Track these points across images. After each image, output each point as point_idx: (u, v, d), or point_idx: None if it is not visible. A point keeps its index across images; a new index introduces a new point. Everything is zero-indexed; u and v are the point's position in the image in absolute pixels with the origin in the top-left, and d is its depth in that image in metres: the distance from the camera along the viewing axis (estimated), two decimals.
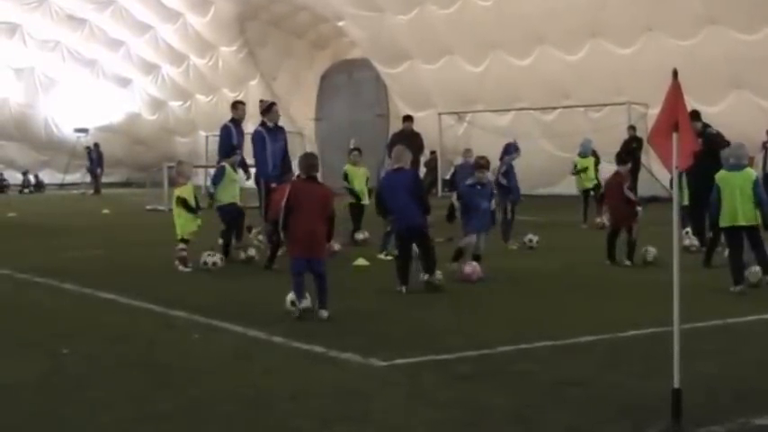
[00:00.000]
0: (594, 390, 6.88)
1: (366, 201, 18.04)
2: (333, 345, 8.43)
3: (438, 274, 11.86)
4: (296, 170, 11.51)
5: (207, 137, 41.08)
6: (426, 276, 11.76)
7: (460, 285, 11.98)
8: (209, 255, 13.98)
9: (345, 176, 18.15)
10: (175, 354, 8.43)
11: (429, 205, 12.09)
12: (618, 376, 7.28)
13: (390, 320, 9.91)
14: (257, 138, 16.22)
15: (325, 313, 9.94)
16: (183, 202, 14.26)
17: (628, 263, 14.13)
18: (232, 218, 15.27)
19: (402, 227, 12.05)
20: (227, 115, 17.38)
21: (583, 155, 22.19)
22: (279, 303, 10.56)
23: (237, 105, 17.15)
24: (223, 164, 15.52)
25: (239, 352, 8.43)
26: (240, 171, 16.08)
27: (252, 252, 14.90)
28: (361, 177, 18.18)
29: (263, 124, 16.68)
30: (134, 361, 8.11)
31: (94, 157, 45.21)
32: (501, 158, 18.13)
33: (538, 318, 10.04)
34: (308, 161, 10.77)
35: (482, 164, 13.57)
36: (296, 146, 37.40)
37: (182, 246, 14.12)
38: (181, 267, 13.94)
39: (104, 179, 45.84)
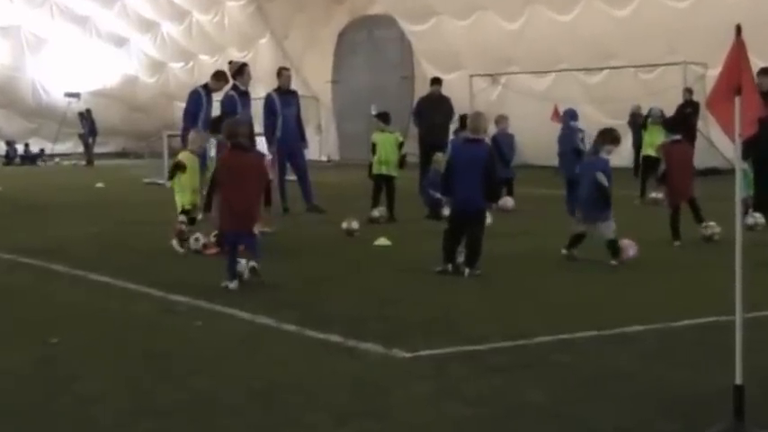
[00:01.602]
0: (642, 384, 6.88)
1: (393, 172, 17.95)
2: (351, 333, 8.47)
3: (478, 268, 11.73)
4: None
5: None
6: (467, 270, 11.68)
7: (493, 268, 11.97)
8: (195, 239, 13.77)
9: (374, 148, 18.02)
10: (176, 342, 8.49)
11: (498, 188, 11.98)
12: (668, 370, 7.27)
13: (415, 306, 9.93)
14: (227, 103, 16.62)
15: (255, 263, 10.88)
16: (175, 165, 13.95)
17: (705, 230, 14.24)
18: None
19: (460, 209, 11.91)
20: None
21: (653, 122, 22.13)
22: (290, 287, 10.66)
23: (221, 75, 17.32)
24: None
25: (247, 341, 8.48)
26: None
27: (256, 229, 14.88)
28: (390, 145, 17.94)
29: (234, 88, 16.95)
30: (130, 350, 8.16)
31: (87, 125, 45.31)
32: (564, 125, 18.22)
33: (580, 304, 10.04)
34: (234, 127, 11.16)
35: (616, 136, 13.02)
36: (310, 112, 37.65)
37: (181, 218, 13.95)
38: (175, 244, 13.81)
39: (98, 149, 45.98)
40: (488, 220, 15.62)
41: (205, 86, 17.90)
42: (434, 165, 18.22)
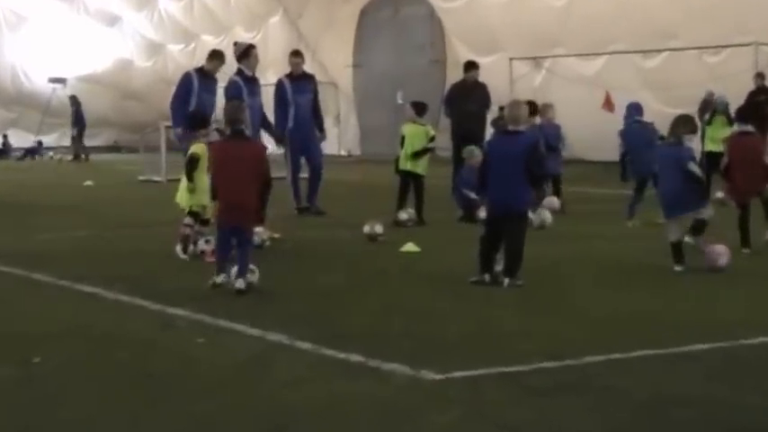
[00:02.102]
0: (704, 410, 6.86)
1: (421, 168, 17.93)
2: (374, 352, 8.46)
3: (519, 279, 11.70)
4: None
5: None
6: (506, 280, 11.67)
7: (536, 277, 11.92)
8: (206, 241, 13.82)
9: (402, 140, 18.01)
10: (175, 362, 8.50)
11: (543, 185, 11.94)
12: (736, 395, 7.24)
13: (447, 322, 9.93)
14: (232, 90, 16.69)
15: (242, 283, 11.11)
16: (190, 161, 13.87)
17: None
18: None
19: (497, 212, 11.88)
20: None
21: (720, 111, 22.00)
22: (304, 299, 10.66)
23: (216, 54, 17.54)
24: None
25: (256, 360, 8.50)
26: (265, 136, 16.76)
27: (265, 236, 14.80)
28: (420, 139, 17.93)
29: (239, 73, 17.07)
30: (122, 372, 8.17)
31: (72, 113, 45.23)
32: (629, 119, 18.34)
33: (635, 318, 9.99)
34: (235, 112, 11.54)
35: (695, 125, 13.18)
36: (328, 101, 37.48)
37: (187, 221, 13.99)
38: (178, 251, 13.91)
39: (86, 142, 46.01)
40: (547, 219, 15.63)
41: (200, 70, 17.87)
42: (467, 161, 18.27)
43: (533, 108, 13.69)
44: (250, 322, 9.78)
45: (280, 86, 19.05)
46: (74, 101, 45.66)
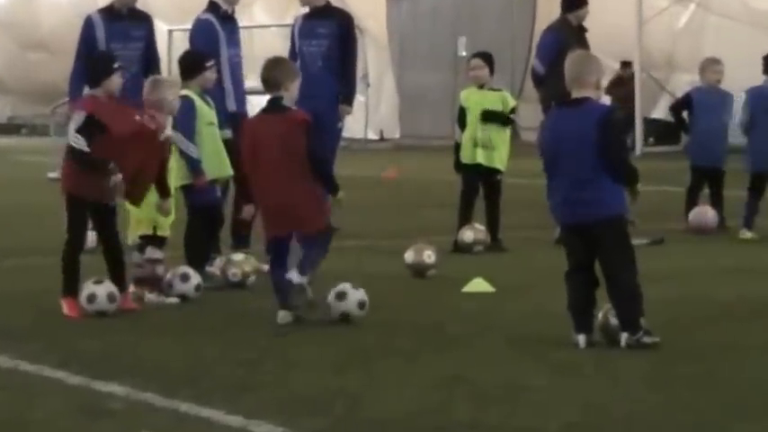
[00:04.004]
0: None
1: (498, 161, 18.09)
2: None
3: (645, 332, 11.72)
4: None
5: (170, 33, 41.57)
6: (624, 336, 11.71)
7: (670, 331, 12.09)
8: (233, 263, 14.81)
9: (461, 114, 18.21)
10: None
11: (634, 175, 12.01)
12: None
13: (545, 408, 9.98)
14: (202, 35, 17.41)
15: (295, 277, 12.81)
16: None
17: None
18: (211, 209, 15.81)
19: (571, 218, 12.11)
20: None
21: None
22: (310, 372, 10.99)
23: None
24: (186, 92, 15.60)
25: None
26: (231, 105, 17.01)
27: (248, 268, 15.27)
28: (492, 111, 18.08)
29: (211, 8, 17.58)
30: None
31: None
32: None
33: None
34: (273, 71, 12.97)
35: None
36: None
37: (136, 257, 14.33)
38: (150, 298, 14.25)
39: None
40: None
41: (107, 10, 18.20)
42: None
43: None
44: (226, 405, 9.86)
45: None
46: None
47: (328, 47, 19.12)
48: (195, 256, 15.41)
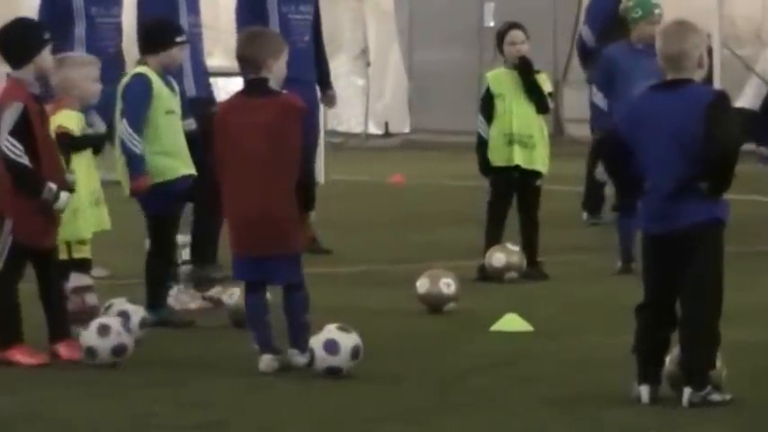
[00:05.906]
0: None
1: (538, 161, 16.66)
2: None
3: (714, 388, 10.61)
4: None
5: None
6: (687, 393, 10.46)
7: (747, 383, 10.93)
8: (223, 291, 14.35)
9: (487, 102, 16.59)
10: None
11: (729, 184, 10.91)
12: None
13: None
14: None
15: (301, 359, 11.40)
16: (63, 143, 13.29)
17: None
18: (168, 213, 14.78)
19: (653, 225, 10.86)
20: None
21: None
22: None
23: None
24: (141, 69, 14.70)
25: None
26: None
27: (218, 290, 14.95)
28: (524, 98, 16.69)
29: None
30: None
31: None
32: None
33: None
34: (251, 46, 11.74)
35: None
36: (343, 23, 35.67)
37: (72, 282, 13.40)
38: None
39: None
40: None
41: None
42: None
43: None
44: None
45: None
46: None
47: (315, 15, 17.93)
48: (152, 283, 14.77)
